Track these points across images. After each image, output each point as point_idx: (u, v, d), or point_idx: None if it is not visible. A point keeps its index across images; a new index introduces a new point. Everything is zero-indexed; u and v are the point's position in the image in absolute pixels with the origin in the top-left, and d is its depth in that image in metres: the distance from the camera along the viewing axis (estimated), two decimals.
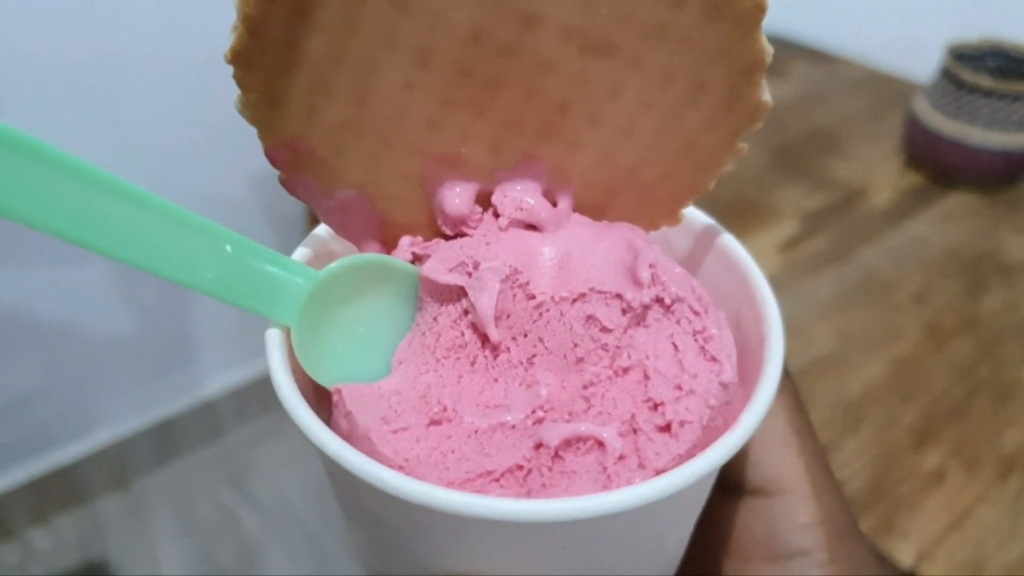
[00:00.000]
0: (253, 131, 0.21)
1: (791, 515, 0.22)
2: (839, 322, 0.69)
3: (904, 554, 0.52)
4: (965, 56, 0.86)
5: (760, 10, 0.19)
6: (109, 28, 0.92)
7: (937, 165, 0.86)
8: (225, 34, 0.19)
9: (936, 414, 0.61)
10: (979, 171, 0.83)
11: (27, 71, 0.90)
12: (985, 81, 0.80)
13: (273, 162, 0.21)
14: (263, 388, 1.33)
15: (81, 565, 1.16)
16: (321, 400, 0.23)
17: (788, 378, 0.23)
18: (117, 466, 1.24)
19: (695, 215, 0.25)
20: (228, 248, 0.20)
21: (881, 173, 0.89)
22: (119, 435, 1.23)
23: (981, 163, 0.82)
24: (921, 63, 0.95)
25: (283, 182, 0.22)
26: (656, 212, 0.23)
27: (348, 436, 0.21)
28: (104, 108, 0.97)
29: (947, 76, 0.83)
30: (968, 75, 0.80)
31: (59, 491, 1.20)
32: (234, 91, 0.20)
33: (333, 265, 0.21)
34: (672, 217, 0.23)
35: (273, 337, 0.21)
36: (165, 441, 1.28)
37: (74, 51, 0.91)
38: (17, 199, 0.17)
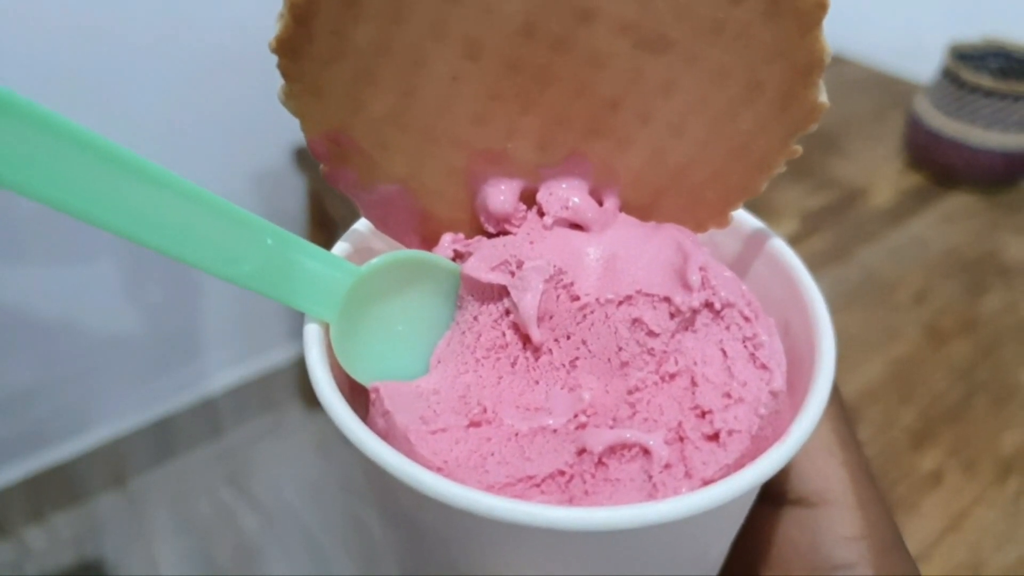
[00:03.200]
0: (253, 127, 0.20)
1: (835, 527, 0.22)
2: (838, 322, 0.68)
3: None
4: (967, 56, 0.86)
5: (822, 8, 0.19)
6: (108, 21, 0.90)
7: (938, 165, 0.86)
8: (227, 27, 0.19)
9: (935, 415, 0.61)
10: (980, 171, 0.83)
11: (25, 63, 0.88)
12: (986, 81, 0.80)
13: (315, 154, 0.21)
14: (263, 386, 1.32)
15: (78, 564, 1.14)
16: (356, 397, 0.22)
17: (835, 390, 0.23)
18: (115, 464, 1.23)
19: (744, 217, 0.25)
20: (268, 241, 0.19)
21: (882, 173, 0.89)
22: (117, 433, 1.21)
23: (982, 163, 0.82)
24: (923, 64, 0.95)
25: (325, 175, 0.21)
26: (705, 213, 0.23)
27: (385, 435, 0.20)
28: (102, 102, 0.95)
29: (948, 76, 0.83)
30: (969, 75, 0.81)
31: (56, 489, 1.18)
32: (235, 86, 0.19)
33: (374, 261, 0.21)
34: (721, 219, 0.23)
35: (312, 332, 0.21)
36: (163, 439, 1.26)
37: (72, 43, 0.89)
38: (55, 185, 0.16)
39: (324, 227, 1.15)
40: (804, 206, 0.83)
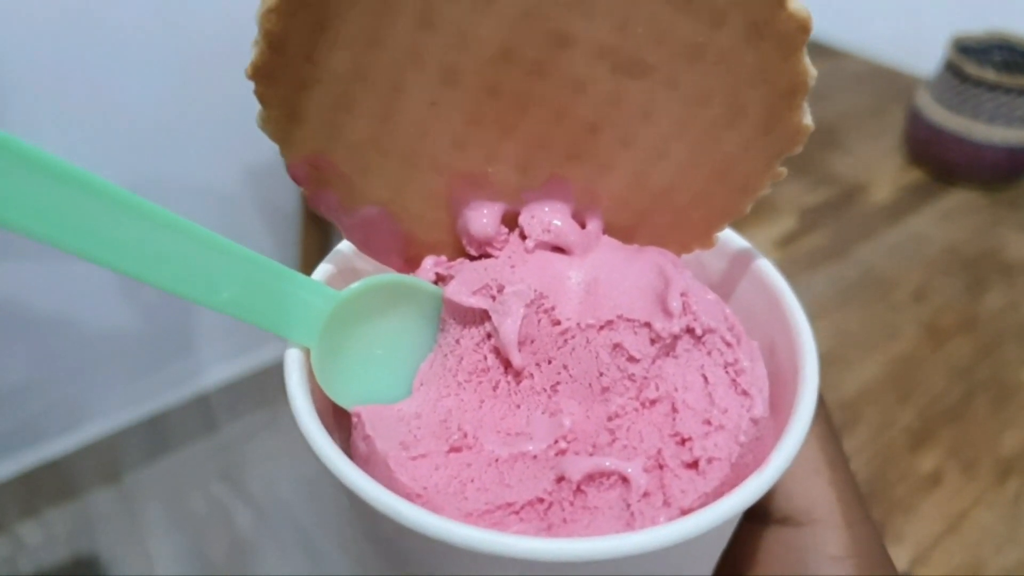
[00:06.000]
0: (246, 122, 0.20)
1: (821, 546, 0.22)
2: (836, 320, 0.69)
3: (899, 558, 0.52)
4: (970, 49, 0.85)
5: (804, 32, 0.18)
6: (99, 15, 0.90)
7: (939, 161, 0.85)
8: (222, 21, 0.18)
9: (934, 415, 0.61)
10: (982, 167, 0.83)
11: (15, 59, 0.88)
12: (990, 75, 0.79)
13: (295, 178, 0.20)
14: (257, 382, 1.32)
15: (72, 559, 1.14)
16: (340, 420, 0.22)
17: (822, 405, 0.22)
18: (109, 460, 1.23)
19: (730, 237, 0.24)
20: (246, 267, 0.19)
21: (882, 169, 0.88)
22: (111, 428, 1.22)
23: (984, 159, 0.82)
24: (925, 57, 0.95)
25: (306, 198, 0.21)
26: (689, 235, 0.22)
27: (366, 459, 0.20)
28: (93, 97, 0.94)
29: (951, 70, 0.82)
30: (973, 69, 0.80)
31: (50, 484, 1.19)
32: (229, 82, 0.19)
33: (354, 285, 0.21)
34: (706, 240, 0.23)
35: (292, 358, 0.21)
36: (157, 435, 1.27)
37: (63, 38, 0.89)
38: (27, 215, 0.16)
39: (317, 222, 1.14)
40: (803, 202, 0.82)
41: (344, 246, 0.24)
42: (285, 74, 0.18)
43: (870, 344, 0.67)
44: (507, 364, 0.21)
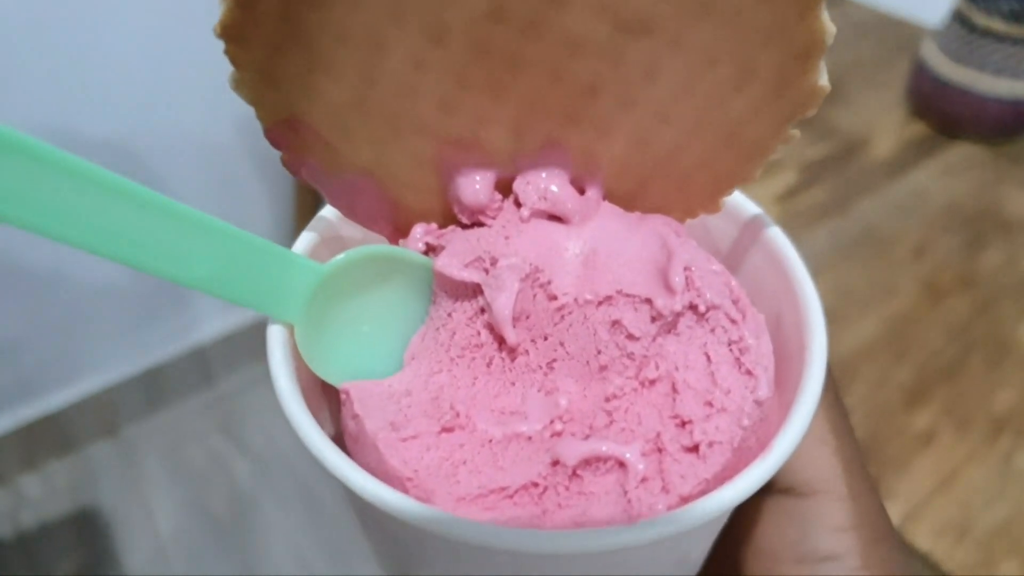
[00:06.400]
0: None
1: (824, 518, 0.21)
2: (836, 277, 0.68)
3: (891, 514, 0.52)
4: None
5: None
6: None
7: (942, 114, 0.83)
8: None
9: (929, 373, 0.61)
10: (986, 121, 0.81)
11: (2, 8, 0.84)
12: (998, 24, 0.77)
13: (273, 142, 0.19)
14: (255, 334, 1.31)
15: (73, 511, 1.15)
16: (329, 394, 0.21)
17: (828, 373, 0.22)
18: (107, 413, 1.23)
19: (740, 201, 0.23)
20: (221, 241, 0.18)
21: (884, 123, 0.86)
22: (109, 381, 1.21)
23: (990, 113, 0.80)
24: (933, 6, 0.92)
25: (285, 163, 0.20)
26: (694, 201, 0.21)
27: (356, 439, 0.20)
28: (75, 42, 0.91)
29: (959, 19, 0.79)
30: (981, 18, 0.77)
31: (49, 438, 1.19)
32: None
33: (339, 258, 0.20)
34: (712, 206, 0.21)
35: (275, 335, 0.19)
36: (156, 387, 1.26)
37: None
38: None
39: None
40: (803, 156, 0.81)
41: (328, 212, 0.22)
42: (257, 33, 0.17)
43: (869, 301, 0.66)
44: (501, 340, 0.20)
